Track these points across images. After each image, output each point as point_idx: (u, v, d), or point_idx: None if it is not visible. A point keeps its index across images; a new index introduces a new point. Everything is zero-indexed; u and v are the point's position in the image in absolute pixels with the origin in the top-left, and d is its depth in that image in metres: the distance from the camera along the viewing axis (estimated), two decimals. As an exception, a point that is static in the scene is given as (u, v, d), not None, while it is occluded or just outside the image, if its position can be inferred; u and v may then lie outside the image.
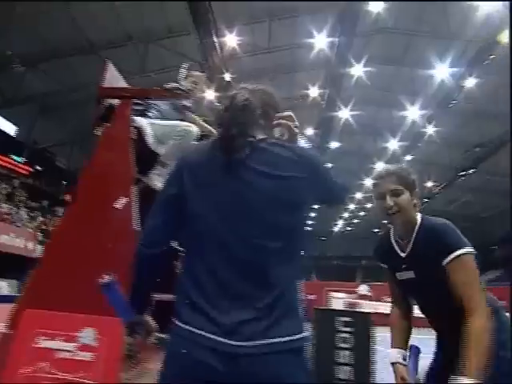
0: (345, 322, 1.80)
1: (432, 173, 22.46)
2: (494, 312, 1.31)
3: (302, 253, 1.00)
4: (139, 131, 2.30)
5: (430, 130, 18.34)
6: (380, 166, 22.75)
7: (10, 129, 14.91)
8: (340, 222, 35.11)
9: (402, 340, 1.50)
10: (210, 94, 14.94)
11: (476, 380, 1.10)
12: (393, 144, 19.98)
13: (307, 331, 0.96)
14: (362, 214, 31.02)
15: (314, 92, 15.96)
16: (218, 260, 0.94)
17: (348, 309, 1.58)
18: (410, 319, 1.54)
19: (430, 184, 23.65)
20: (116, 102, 2.32)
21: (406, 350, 1.47)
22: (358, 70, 14.74)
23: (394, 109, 17.43)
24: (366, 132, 19.60)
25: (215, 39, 12.13)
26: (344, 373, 1.74)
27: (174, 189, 1.03)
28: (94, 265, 1.89)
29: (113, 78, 2.49)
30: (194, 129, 2.49)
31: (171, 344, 0.96)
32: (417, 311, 1.48)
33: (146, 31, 12.65)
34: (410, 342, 1.45)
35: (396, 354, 1.46)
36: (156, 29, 12.68)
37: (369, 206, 28.97)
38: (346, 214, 32.38)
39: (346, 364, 1.78)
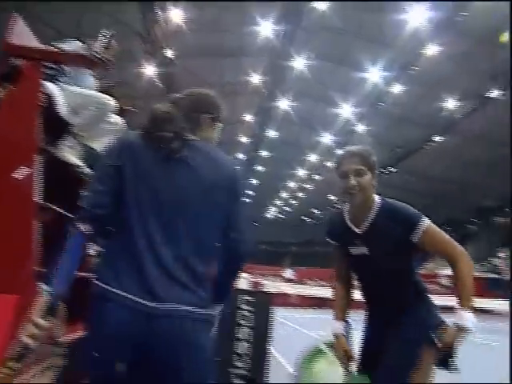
0: (246, 300, 1.91)
1: (359, 168, 24.16)
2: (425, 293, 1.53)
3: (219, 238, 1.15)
4: (50, 98, 2.14)
5: (361, 128, 19.62)
6: (313, 158, 23.84)
7: None
8: (272, 209, 36.19)
9: (343, 313, 1.61)
10: (149, 70, 14.27)
11: (471, 309, 1.32)
12: (326, 138, 20.95)
13: (218, 306, 1.14)
14: (293, 202, 32.23)
15: (255, 79, 16.03)
16: (144, 233, 1.05)
17: (250, 289, 1.67)
18: (351, 294, 1.66)
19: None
20: (23, 62, 2.12)
21: (346, 322, 1.58)
22: (299, 63, 15.11)
23: (330, 105, 18.24)
24: (302, 124, 20.28)
25: (159, 12, 11.54)
26: (242, 348, 1.86)
27: (114, 164, 1.14)
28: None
29: (22, 34, 2.27)
30: (112, 102, 2.39)
31: (95, 306, 1.05)
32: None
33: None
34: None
35: (339, 326, 1.56)
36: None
37: (300, 194, 30.25)
38: (278, 202, 33.46)
39: (245, 340, 1.88)
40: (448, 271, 1.47)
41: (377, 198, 1.55)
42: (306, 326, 3.47)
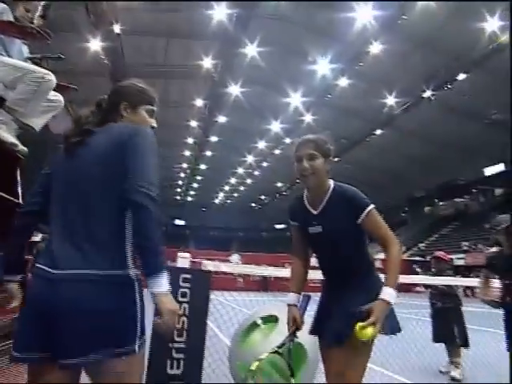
0: (184, 278, 2.13)
1: (306, 157, 25.07)
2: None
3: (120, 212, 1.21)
4: None
5: (309, 117, 20.33)
6: (262, 145, 24.28)
7: None
8: (221, 195, 36.35)
9: (298, 286, 1.74)
10: (94, 44, 13.50)
11: (394, 288, 1.50)
12: (275, 126, 21.40)
13: (122, 271, 1.15)
14: (242, 188, 32.59)
15: (207, 63, 15.85)
16: (56, 217, 1.24)
17: (188, 267, 1.82)
18: (307, 270, 1.80)
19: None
20: None
21: (300, 295, 1.71)
22: (251, 50, 15.19)
23: (280, 93, 18.62)
24: (252, 111, 20.48)
25: (104, -17, 10.92)
26: (180, 322, 2.08)
27: (45, 172, 1.37)
28: None
29: None
30: (53, 77, 2.23)
31: (30, 282, 1.20)
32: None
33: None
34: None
35: (293, 297, 1.69)
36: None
37: (249, 181, 30.71)
38: (226, 187, 33.68)
39: (185, 315, 2.11)
40: (382, 255, 1.67)
41: (331, 182, 1.69)
42: (247, 307, 3.75)
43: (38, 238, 5.75)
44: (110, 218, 1.18)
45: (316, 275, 1.83)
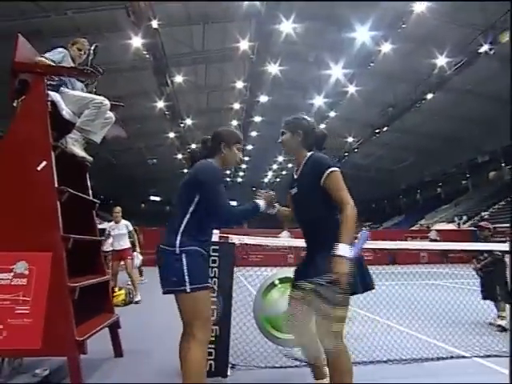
0: (214, 249, 2.65)
1: (352, 129, 24.46)
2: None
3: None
4: (54, 105, 2.70)
5: (352, 88, 19.75)
6: (306, 122, 24.07)
7: None
8: (270, 173, 36.82)
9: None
10: (136, 41, 14.31)
11: (348, 244, 1.72)
12: (318, 100, 21.09)
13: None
14: (290, 165, 32.68)
15: (244, 45, 16.02)
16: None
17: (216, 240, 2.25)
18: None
19: (350, 139, 25.77)
20: (30, 76, 2.66)
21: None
22: (286, 26, 15.06)
23: (320, 66, 18.27)
24: (294, 87, 20.35)
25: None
26: (212, 282, 2.62)
27: None
28: (25, 215, 2.41)
29: (26, 51, 2.79)
30: (107, 101, 2.93)
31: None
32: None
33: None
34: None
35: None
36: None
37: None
38: (275, 166, 34.00)
39: (215, 277, 2.65)
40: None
41: (308, 153, 2.04)
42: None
43: (102, 225, 6.75)
44: (180, 216, 1.95)
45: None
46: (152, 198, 34.65)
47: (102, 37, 14.53)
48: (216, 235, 2.67)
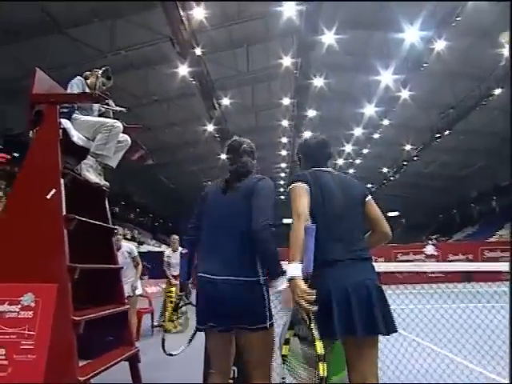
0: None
1: (409, 136, 22.97)
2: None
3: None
4: (65, 131, 2.69)
5: (405, 93, 18.62)
6: (358, 132, 23.19)
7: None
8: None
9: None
10: (182, 69, 14.96)
11: (293, 262, 1.55)
12: (369, 109, 20.23)
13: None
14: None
15: (286, 61, 15.99)
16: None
17: None
18: None
19: (408, 147, 24.21)
20: (44, 106, 2.69)
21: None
22: (329, 37, 14.76)
23: (368, 74, 17.57)
24: (342, 99, 19.79)
25: (181, 13, 12.05)
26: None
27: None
28: (33, 244, 2.37)
29: (42, 82, 2.84)
30: (119, 124, 2.88)
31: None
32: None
33: (111, 7, 12.46)
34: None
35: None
36: (122, 4, 12.47)
37: (351, 171, 29.63)
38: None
39: None
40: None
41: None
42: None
43: (160, 249, 6.83)
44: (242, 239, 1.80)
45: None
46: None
47: (153, 69, 15.49)
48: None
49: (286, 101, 19.44)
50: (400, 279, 12.18)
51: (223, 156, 24.42)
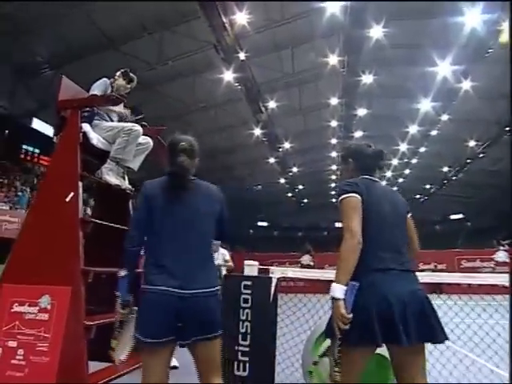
0: (245, 285, 2.15)
1: (473, 131, 21.03)
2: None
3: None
4: (85, 135, 2.72)
5: (466, 84, 17.07)
6: (414, 129, 21.75)
7: (50, 131, 16.33)
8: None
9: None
10: (227, 75, 15.13)
11: (338, 283, 1.57)
12: (425, 104, 18.88)
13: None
14: (400, 180, 29.90)
15: (333, 60, 15.50)
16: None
17: (249, 274, 1.81)
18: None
19: (472, 143, 22.20)
20: (67, 112, 2.75)
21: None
22: (377, 31, 14.04)
23: (423, 66, 16.40)
24: (394, 95, 18.71)
25: (224, 19, 12.20)
26: (244, 327, 2.11)
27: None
28: (51, 246, 2.39)
29: (68, 89, 2.92)
30: (138, 127, 2.87)
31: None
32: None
33: (159, 20, 12.99)
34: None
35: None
36: (168, 16, 12.96)
37: (407, 171, 27.95)
38: (383, 183, 31.38)
39: (247, 320, 2.14)
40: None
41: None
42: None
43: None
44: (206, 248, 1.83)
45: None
46: (259, 223, 35.62)
47: (199, 77, 15.89)
48: (254, 266, 2.24)
49: (334, 100, 18.85)
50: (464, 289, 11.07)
51: (272, 160, 24.55)
